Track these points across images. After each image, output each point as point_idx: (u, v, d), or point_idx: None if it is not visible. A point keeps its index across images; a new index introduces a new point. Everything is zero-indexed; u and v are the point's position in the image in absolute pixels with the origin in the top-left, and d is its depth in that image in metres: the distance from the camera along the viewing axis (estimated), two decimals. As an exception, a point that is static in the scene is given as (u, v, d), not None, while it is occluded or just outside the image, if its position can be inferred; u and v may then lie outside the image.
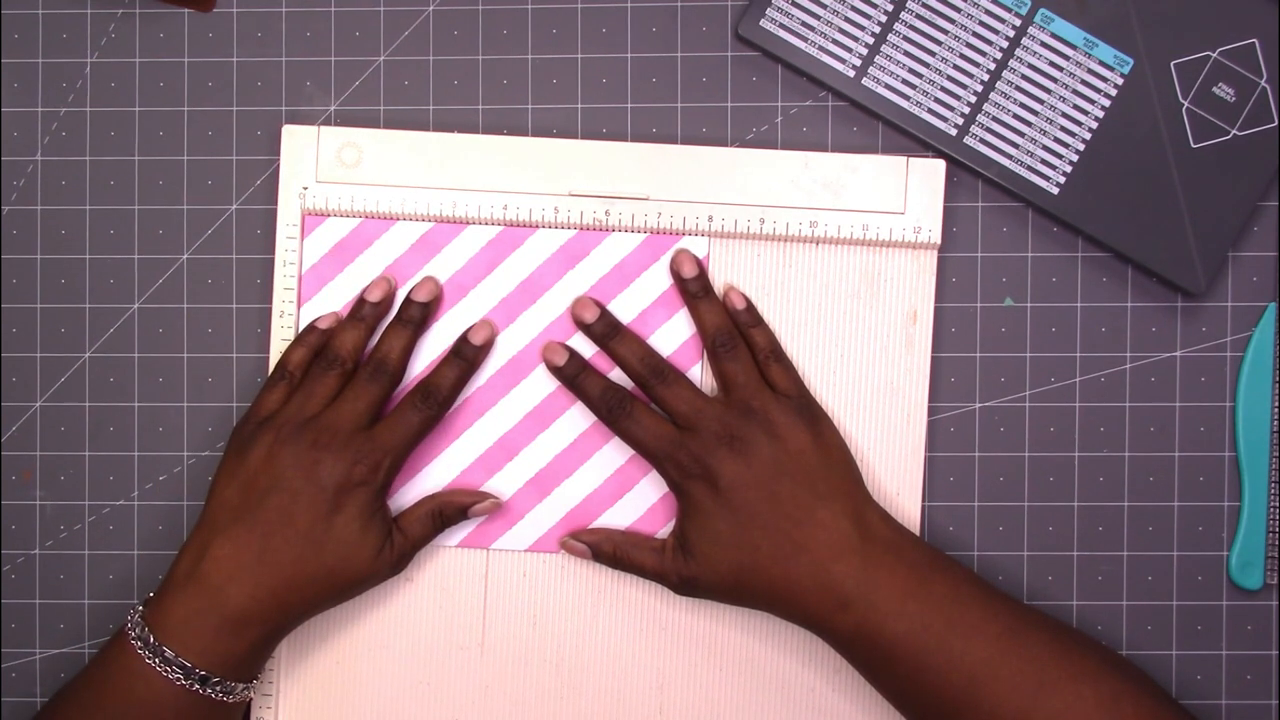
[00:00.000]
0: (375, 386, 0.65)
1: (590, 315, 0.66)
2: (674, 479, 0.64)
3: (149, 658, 0.61)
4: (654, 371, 0.65)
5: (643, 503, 0.68)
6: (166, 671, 0.61)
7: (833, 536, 0.62)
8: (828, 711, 0.68)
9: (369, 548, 0.64)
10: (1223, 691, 0.68)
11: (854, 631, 0.61)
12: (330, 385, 0.65)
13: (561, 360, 0.66)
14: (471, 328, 0.67)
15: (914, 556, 0.62)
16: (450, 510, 0.66)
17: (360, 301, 0.67)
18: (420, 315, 0.67)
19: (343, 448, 0.63)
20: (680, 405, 0.64)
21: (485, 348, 0.67)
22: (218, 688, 0.61)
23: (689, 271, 0.66)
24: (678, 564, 0.64)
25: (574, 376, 0.66)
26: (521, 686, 0.68)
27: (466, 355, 0.67)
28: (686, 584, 0.64)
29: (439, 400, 0.66)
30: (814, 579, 0.61)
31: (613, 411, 0.65)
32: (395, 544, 0.65)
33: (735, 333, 0.66)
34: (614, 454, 0.68)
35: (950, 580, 0.62)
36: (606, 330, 0.66)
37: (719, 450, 0.63)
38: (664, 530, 0.68)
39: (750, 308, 0.67)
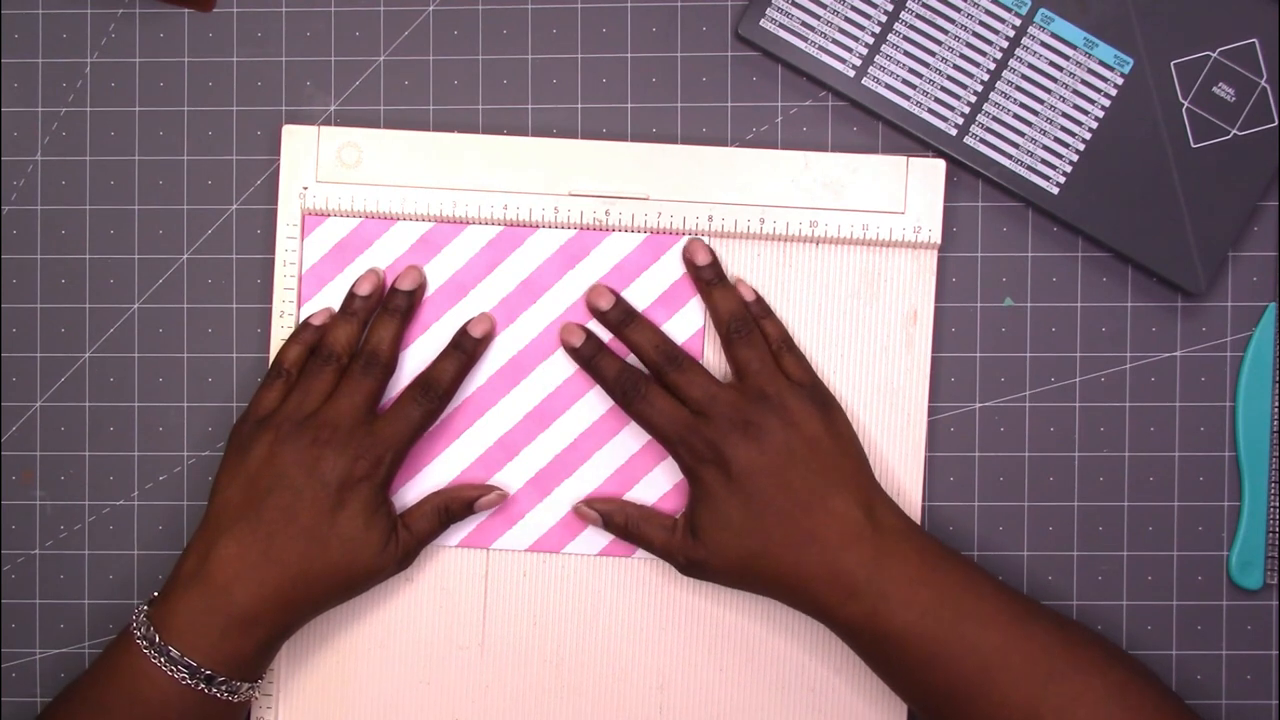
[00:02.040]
0: (369, 379, 0.65)
1: (606, 302, 0.66)
2: (686, 463, 0.64)
3: (154, 657, 0.61)
4: (668, 358, 0.65)
5: (642, 502, 0.68)
6: (172, 671, 0.61)
7: (844, 525, 0.62)
8: (828, 712, 0.68)
9: (374, 543, 0.64)
10: (1223, 691, 0.68)
11: (864, 621, 0.61)
12: (327, 381, 0.65)
13: (578, 341, 0.66)
14: (471, 320, 0.67)
15: (923, 545, 0.62)
16: (456, 505, 0.66)
17: (350, 296, 0.67)
18: (406, 304, 0.67)
19: (344, 444, 0.63)
20: (694, 391, 0.64)
21: (485, 340, 0.67)
22: (223, 687, 0.61)
23: (703, 259, 0.66)
24: (686, 545, 0.64)
25: (590, 358, 0.66)
26: (521, 686, 0.68)
27: (466, 348, 0.67)
28: (694, 566, 0.64)
29: (439, 393, 0.66)
30: (824, 567, 0.61)
31: (627, 394, 0.65)
32: (401, 540, 0.65)
33: (749, 318, 0.66)
34: (614, 454, 0.68)
35: (958, 568, 0.62)
36: (622, 317, 0.66)
37: (732, 436, 0.62)
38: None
39: (760, 299, 0.67)
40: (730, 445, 0.62)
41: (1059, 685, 0.59)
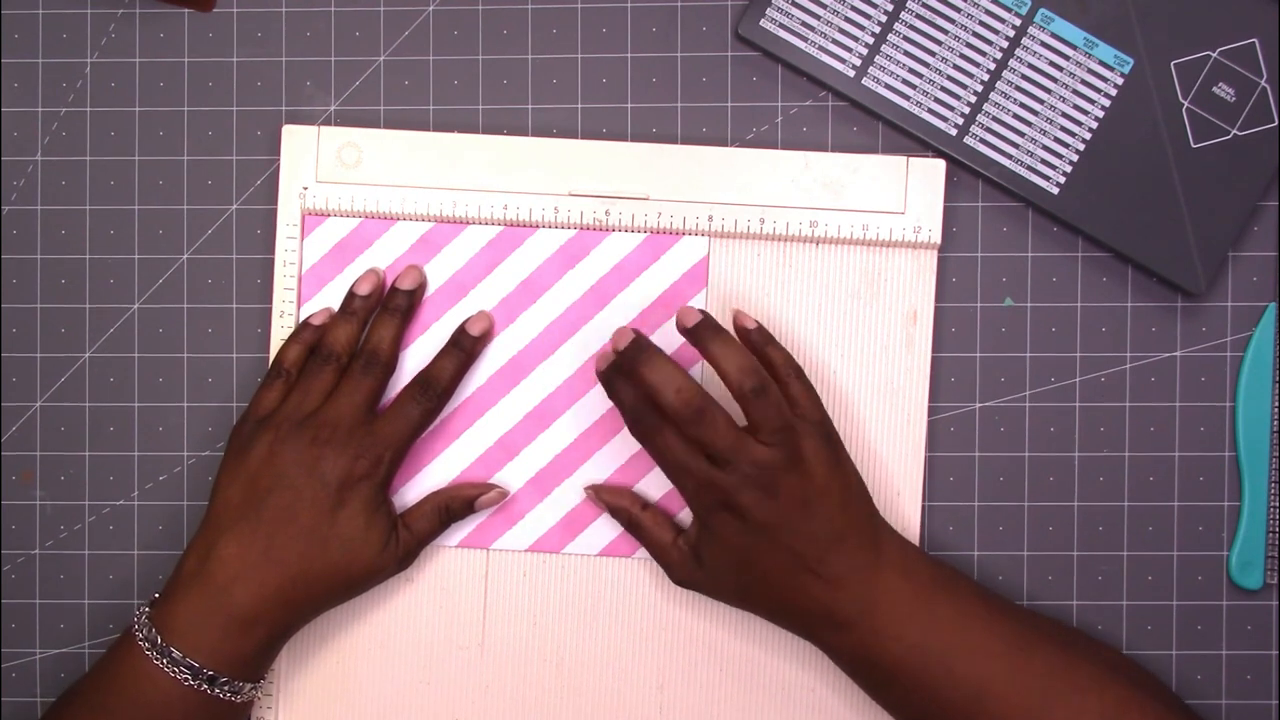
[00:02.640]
0: (369, 379, 0.65)
1: (623, 341, 0.62)
2: (696, 508, 0.62)
3: (156, 658, 0.61)
4: (692, 410, 0.60)
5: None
6: (174, 672, 0.61)
7: (844, 570, 0.61)
8: (828, 712, 0.68)
9: (374, 543, 0.64)
10: (1223, 691, 0.68)
11: (855, 650, 0.61)
12: (327, 380, 0.65)
13: (604, 365, 0.65)
14: (469, 319, 0.67)
15: (920, 577, 0.62)
16: (456, 504, 0.66)
17: (350, 295, 0.67)
18: (406, 303, 0.67)
19: (343, 443, 0.63)
20: (718, 444, 0.60)
21: (484, 339, 0.67)
22: (225, 687, 0.61)
23: (693, 320, 0.62)
24: (687, 565, 0.64)
25: (609, 380, 0.63)
26: (521, 686, 0.68)
27: (465, 346, 0.67)
28: (686, 583, 0.64)
29: (438, 392, 0.66)
30: (820, 604, 0.61)
31: (641, 425, 0.62)
32: (401, 539, 0.65)
33: (761, 371, 0.61)
34: (614, 454, 0.68)
35: (955, 599, 0.62)
36: (634, 352, 0.62)
37: (753, 492, 0.60)
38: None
39: (760, 327, 0.64)
40: (748, 499, 0.60)
41: (1056, 708, 0.59)
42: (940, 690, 0.60)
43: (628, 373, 0.62)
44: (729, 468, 0.60)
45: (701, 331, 0.62)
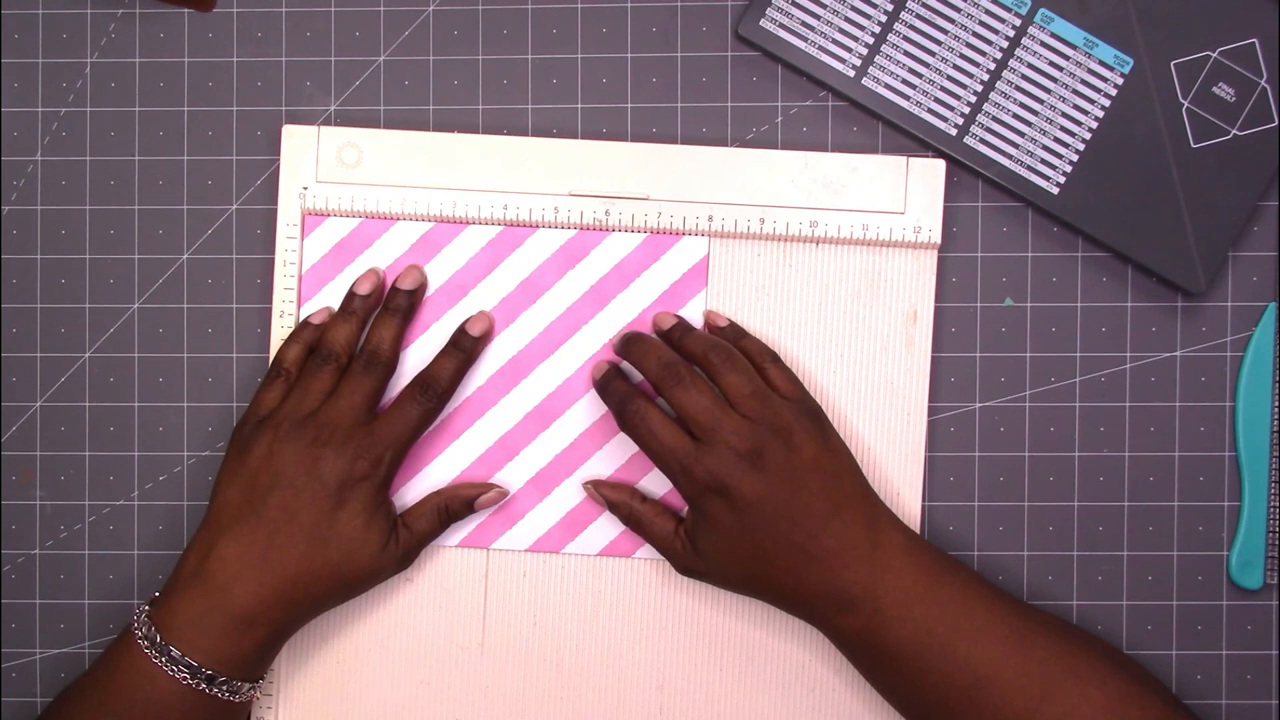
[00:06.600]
0: (369, 379, 0.65)
1: (619, 339, 0.67)
2: (687, 493, 0.63)
3: (155, 657, 0.61)
4: (669, 370, 0.63)
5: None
6: (173, 671, 0.61)
7: (844, 545, 0.61)
8: (828, 712, 0.68)
9: (373, 543, 0.64)
10: (1223, 691, 0.68)
11: (858, 633, 0.61)
12: (326, 380, 0.65)
13: (600, 374, 0.66)
14: (469, 319, 0.67)
15: (922, 559, 0.62)
16: (456, 504, 0.66)
17: (350, 295, 0.67)
18: (407, 303, 0.67)
19: (343, 443, 0.63)
20: (699, 414, 0.62)
21: (484, 339, 0.67)
22: (224, 687, 0.61)
23: (668, 324, 0.66)
24: (687, 555, 0.64)
25: (604, 384, 0.65)
26: (521, 686, 0.68)
27: (465, 346, 0.67)
28: (690, 573, 0.64)
29: (438, 392, 0.66)
30: (823, 586, 0.61)
31: (625, 412, 0.64)
32: (400, 539, 0.65)
33: (726, 345, 0.64)
34: (614, 454, 0.68)
35: (957, 583, 0.62)
36: (625, 341, 0.66)
37: (738, 466, 0.61)
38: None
39: (733, 324, 0.67)
40: (736, 477, 0.61)
41: (1056, 697, 0.59)
42: (941, 673, 0.60)
43: (620, 354, 0.65)
44: (713, 440, 0.61)
45: (675, 332, 0.66)
